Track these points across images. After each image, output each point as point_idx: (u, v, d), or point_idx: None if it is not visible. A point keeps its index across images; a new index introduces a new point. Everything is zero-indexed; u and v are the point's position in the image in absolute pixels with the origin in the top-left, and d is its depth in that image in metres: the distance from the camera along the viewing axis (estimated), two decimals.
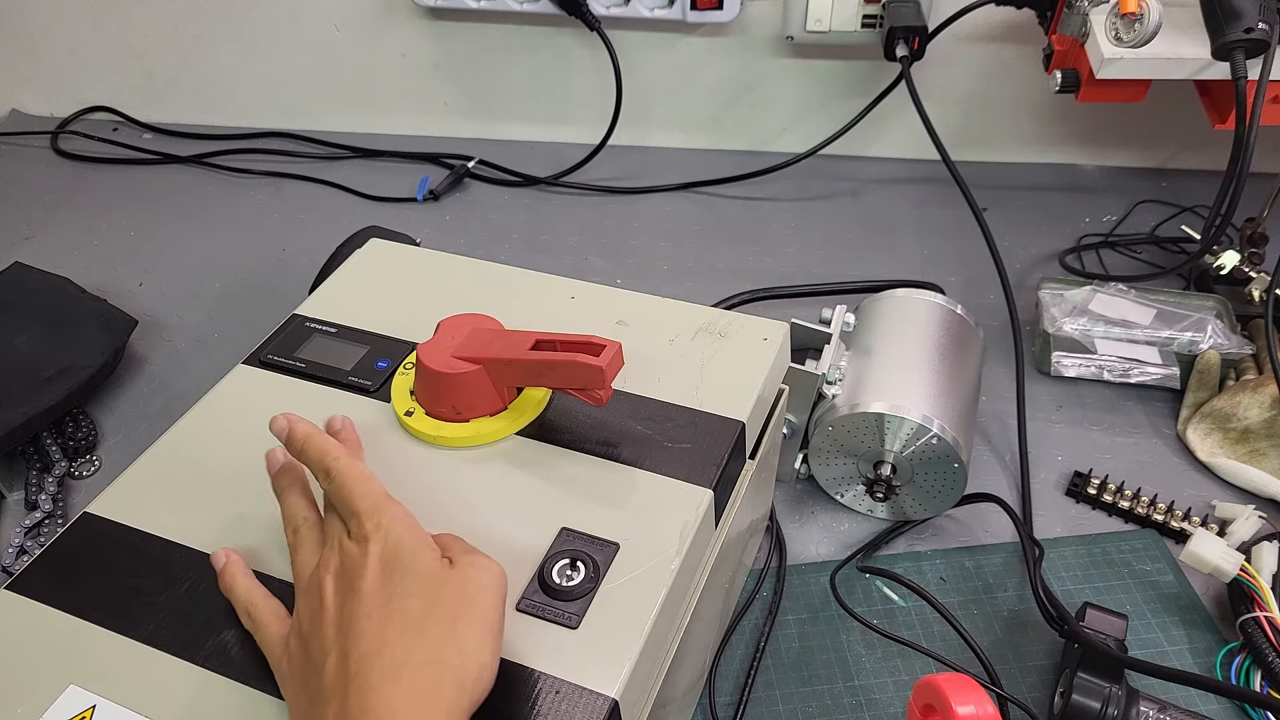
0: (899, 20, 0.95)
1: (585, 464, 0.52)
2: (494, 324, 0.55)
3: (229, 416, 0.56)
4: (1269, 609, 0.62)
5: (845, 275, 0.96)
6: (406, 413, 0.54)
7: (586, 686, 0.42)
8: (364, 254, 0.68)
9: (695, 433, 0.53)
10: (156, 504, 0.51)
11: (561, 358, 0.49)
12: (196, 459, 0.53)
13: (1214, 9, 0.71)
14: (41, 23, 1.14)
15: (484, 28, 1.09)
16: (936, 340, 0.71)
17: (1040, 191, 1.09)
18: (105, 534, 0.49)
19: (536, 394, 0.55)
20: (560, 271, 0.65)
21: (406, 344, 0.59)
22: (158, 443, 0.54)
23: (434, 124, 1.18)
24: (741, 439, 0.54)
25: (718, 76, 1.10)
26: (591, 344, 0.49)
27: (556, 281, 0.64)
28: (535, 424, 0.54)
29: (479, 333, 0.53)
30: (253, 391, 0.58)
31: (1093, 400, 0.83)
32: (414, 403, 0.54)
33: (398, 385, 0.56)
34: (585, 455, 0.52)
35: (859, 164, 1.12)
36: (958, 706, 0.37)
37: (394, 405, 0.54)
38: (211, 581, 0.46)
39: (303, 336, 0.61)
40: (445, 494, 0.50)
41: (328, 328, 0.61)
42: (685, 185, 1.09)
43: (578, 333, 0.50)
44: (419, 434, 0.53)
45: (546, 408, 0.55)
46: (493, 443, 0.53)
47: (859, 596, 0.68)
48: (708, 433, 0.53)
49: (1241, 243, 0.87)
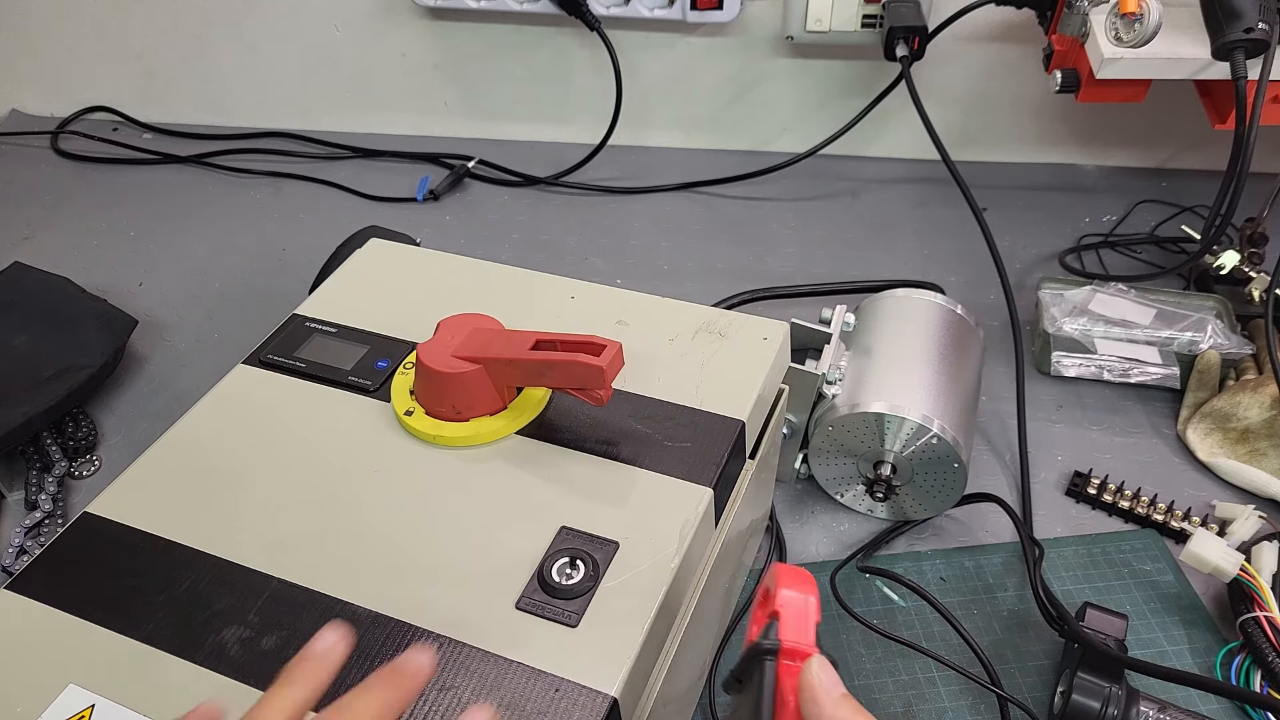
0: (899, 20, 0.95)
1: (585, 463, 0.52)
2: (494, 324, 0.55)
3: (229, 416, 0.56)
4: (1269, 609, 0.62)
5: (845, 275, 0.96)
6: (406, 412, 0.54)
7: (586, 685, 0.42)
8: (364, 254, 0.68)
9: (695, 432, 0.53)
10: (156, 504, 0.51)
11: (562, 357, 0.49)
12: (196, 458, 0.53)
13: (1214, 9, 0.71)
14: (41, 23, 1.14)
15: (484, 28, 1.09)
16: (936, 340, 0.71)
17: (1040, 191, 1.09)
18: (105, 534, 0.49)
19: (536, 393, 0.55)
20: (560, 271, 0.65)
21: (406, 344, 0.59)
22: (158, 442, 0.54)
23: (434, 124, 1.18)
24: (741, 438, 0.54)
25: (718, 76, 1.10)
26: (592, 344, 0.49)
27: (556, 281, 0.64)
28: (535, 423, 0.54)
29: (479, 332, 0.53)
30: (253, 391, 0.58)
31: (1093, 400, 0.83)
32: (414, 402, 0.54)
33: (397, 385, 0.56)
34: (585, 454, 0.52)
35: (859, 164, 1.12)
36: (782, 589, 0.38)
37: (394, 405, 0.54)
38: (210, 580, 0.46)
39: (303, 336, 0.61)
40: (445, 493, 0.50)
41: (327, 327, 0.61)
42: (685, 185, 1.09)
43: (577, 332, 0.50)
44: (419, 433, 0.53)
45: (546, 407, 0.55)
46: (492, 442, 0.53)
47: (859, 596, 0.68)
48: (707, 432, 0.53)
49: (1241, 243, 0.87)
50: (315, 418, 0.55)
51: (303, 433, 0.54)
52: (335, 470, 0.52)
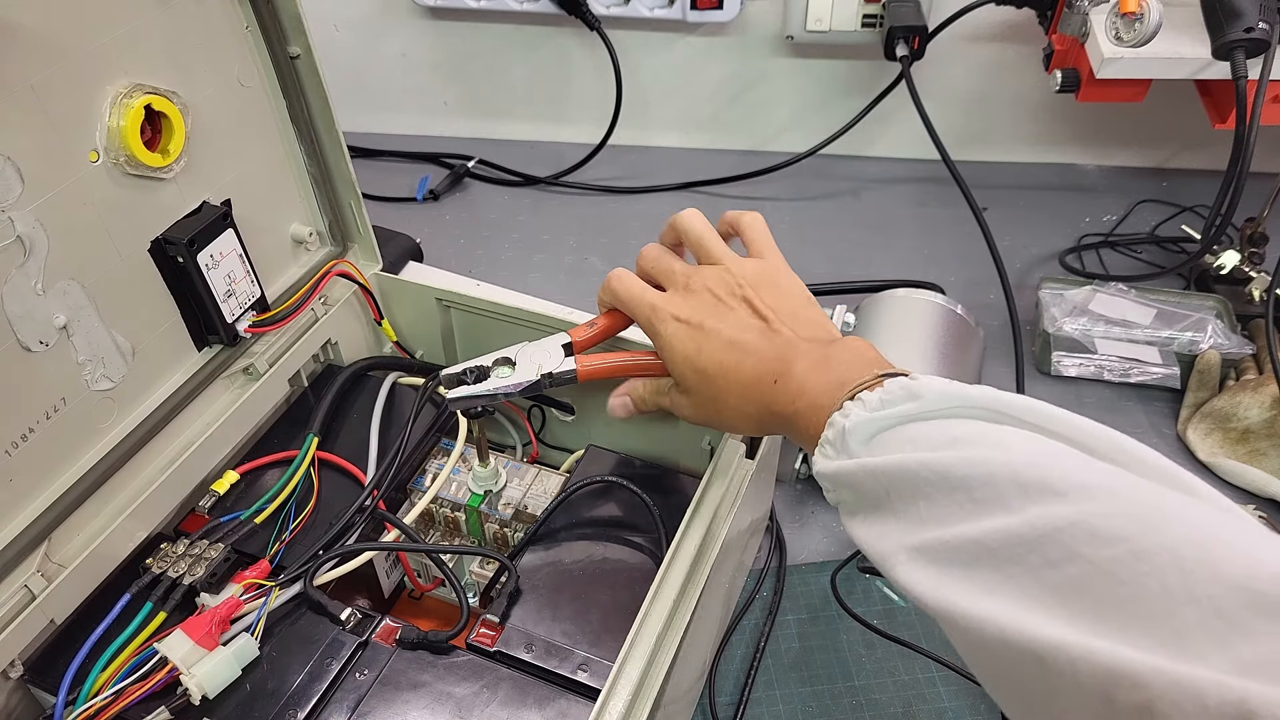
0: (899, 20, 0.95)
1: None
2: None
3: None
4: None
5: (845, 275, 0.96)
6: None
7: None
8: None
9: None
10: None
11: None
12: None
13: (1214, 8, 0.71)
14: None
15: (484, 27, 1.09)
16: (936, 340, 0.71)
17: (1040, 191, 1.09)
18: None
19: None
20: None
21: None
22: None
23: (434, 124, 1.18)
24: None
25: (718, 76, 1.10)
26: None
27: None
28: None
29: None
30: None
31: (1093, 400, 0.83)
32: None
33: None
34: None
35: (859, 164, 1.12)
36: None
37: None
38: None
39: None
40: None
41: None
42: (685, 185, 1.09)
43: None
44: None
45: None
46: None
47: (859, 596, 0.68)
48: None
49: (1241, 242, 0.87)
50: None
51: None
52: None
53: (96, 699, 0.45)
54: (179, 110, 0.51)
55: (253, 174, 0.58)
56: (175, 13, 0.50)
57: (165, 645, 0.46)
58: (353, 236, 0.66)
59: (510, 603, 0.51)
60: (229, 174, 0.56)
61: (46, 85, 0.44)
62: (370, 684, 0.48)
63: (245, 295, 0.57)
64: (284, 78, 0.57)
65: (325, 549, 0.53)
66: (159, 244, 0.52)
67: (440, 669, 0.48)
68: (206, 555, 0.51)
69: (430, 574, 0.59)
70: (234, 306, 0.56)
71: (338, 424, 0.61)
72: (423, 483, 0.60)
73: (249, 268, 0.56)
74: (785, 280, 0.50)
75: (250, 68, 0.56)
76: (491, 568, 0.56)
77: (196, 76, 0.52)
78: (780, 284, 0.50)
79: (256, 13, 0.54)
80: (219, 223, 0.54)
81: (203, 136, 0.53)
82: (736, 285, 0.49)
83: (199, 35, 0.52)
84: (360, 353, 0.67)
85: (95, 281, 0.49)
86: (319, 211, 0.63)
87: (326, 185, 0.62)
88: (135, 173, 0.50)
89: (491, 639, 0.50)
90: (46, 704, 0.48)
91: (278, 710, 0.46)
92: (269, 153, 0.59)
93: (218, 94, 0.54)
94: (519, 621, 0.51)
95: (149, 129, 0.50)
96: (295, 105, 0.59)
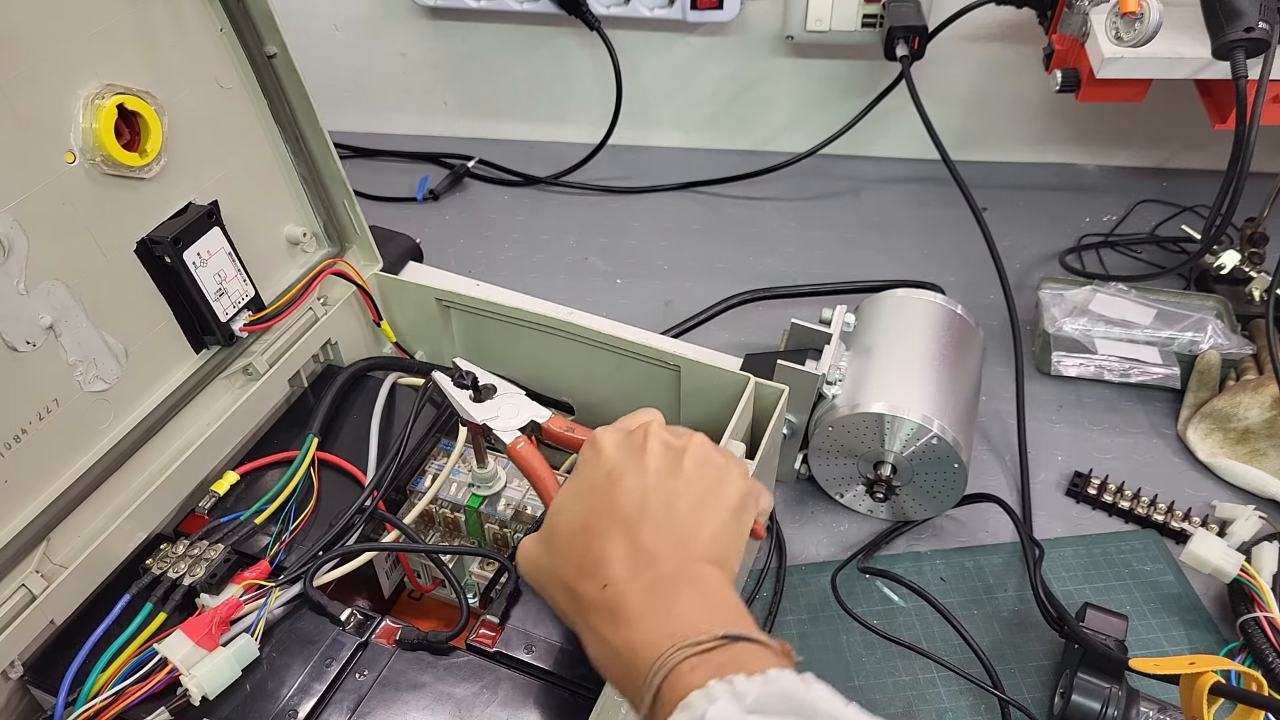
0: (899, 20, 0.95)
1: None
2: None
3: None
4: (1269, 609, 0.62)
5: (845, 275, 0.96)
6: None
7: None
8: None
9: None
10: None
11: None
12: None
13: (1214, 8, 0.71)
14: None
15: (484, 27, 1.09)
16: (936, 340, 0.71)
17: (1040, 191, 1.09)
18: None
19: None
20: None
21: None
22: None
23: (434, 124, 1.18)
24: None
25: (718, 76, 1.09)
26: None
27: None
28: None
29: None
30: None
31: (1093, 400, 0.83)
32: None
33: None
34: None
35: (859, 164, 1.12)
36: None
37: None
38: None
39: None
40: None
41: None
42: (685, 185, 1.09)
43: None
44: None
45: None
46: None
47: (859, 597, 0.68)
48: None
49: (1242, 242, 0.87)
50: None
51: None
52: None
53: (96, 699, 0.45)
54: (154, 110, 0.51)
55: (239, 175, 0.58)
56: (145, 14, 0.50)
57: (165, 646, 0.46)
58: (350, 237, 0.66)
59: (510, 603, 0.51)
60: (214, 174, 0.56)
61: (13, 86, 0.44)
62: (370, 684, 0.48)
63: (238, 294, 0.57)
64: (263, 78, 0.57)
65: (325, 550, 0.53)
66: (145, 244, 0.52)
67: (440, 669, 0.48)
68: (206, 556, 0.51)
69: (430, 574, 0.59)
70: (227, 306, 0.56)
71: (337, 424, 0.61)
72: (422, 483, 0.60)
73: (240, 267, 0.56)
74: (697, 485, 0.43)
75: (228, 68, 0.56)
76: (491, 568, 0.56)
77: (172, 77, 0.52)
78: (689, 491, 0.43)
79: (229, 13, 0.54)
80: (204, 221, 0.54)
81: (183, 137, 0.53)
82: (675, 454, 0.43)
83: (171, 36, 0.52)
84: (360, 353, 0.67)
85: (80, 282, 0.49)
86: (312, 212, 0.63)
87: (317, 185, 0.62)
88: (114, 173, 0.50)
89: (491, 639, 0.50)
90: (46, 704, 0.48)
91: (278, 711, 0.46)
92: (255, 153, 0.59)
93: (196, 95, 0.54)
94: (519, 622, 0.50)
95: (126, 130, 0.50)
96: (277, 105, 0.59)
